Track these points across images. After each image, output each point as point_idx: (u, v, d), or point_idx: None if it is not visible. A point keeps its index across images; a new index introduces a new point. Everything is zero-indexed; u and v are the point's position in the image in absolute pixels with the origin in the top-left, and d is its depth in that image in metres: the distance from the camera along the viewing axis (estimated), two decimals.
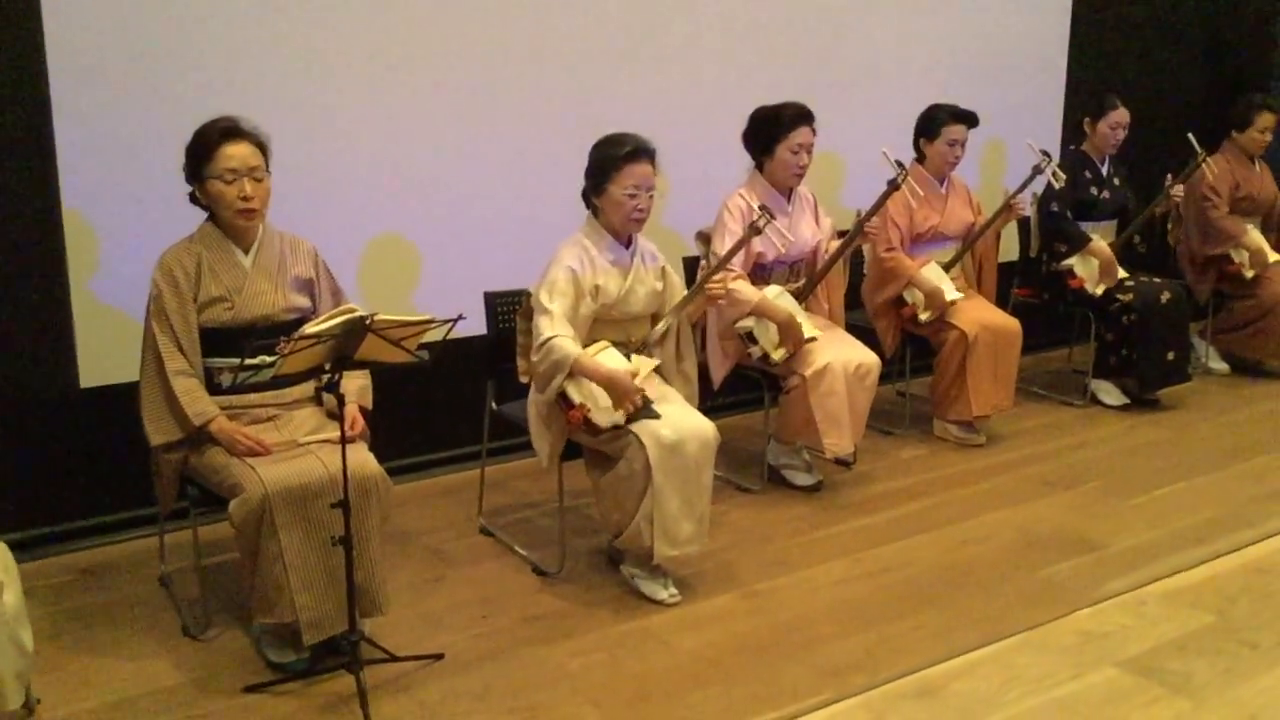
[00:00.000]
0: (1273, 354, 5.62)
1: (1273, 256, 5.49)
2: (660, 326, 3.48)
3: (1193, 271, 5.63)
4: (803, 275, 4.25)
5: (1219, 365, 5.81)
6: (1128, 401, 5.16)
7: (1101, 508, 4.01)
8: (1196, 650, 3.00)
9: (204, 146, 2.91)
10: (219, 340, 2.97)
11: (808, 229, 4.20)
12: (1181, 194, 5.15)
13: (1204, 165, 5.15)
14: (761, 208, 3.63)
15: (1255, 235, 5.49)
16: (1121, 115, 5.10)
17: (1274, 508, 3.98)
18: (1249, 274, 5.46)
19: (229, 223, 2.97)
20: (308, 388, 3.08)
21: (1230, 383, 5.63)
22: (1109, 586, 3.37)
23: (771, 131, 4.04)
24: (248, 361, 2.68)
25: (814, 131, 4.05)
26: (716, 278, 3.53)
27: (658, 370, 3.53)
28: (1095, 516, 3.92)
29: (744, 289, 3.90)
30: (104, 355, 3.58)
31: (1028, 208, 4.97)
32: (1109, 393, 5.21)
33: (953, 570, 3.51)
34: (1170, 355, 5.07)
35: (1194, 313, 5.36)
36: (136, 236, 3.49)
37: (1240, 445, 4.67)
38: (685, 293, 3.53)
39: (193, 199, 3.00)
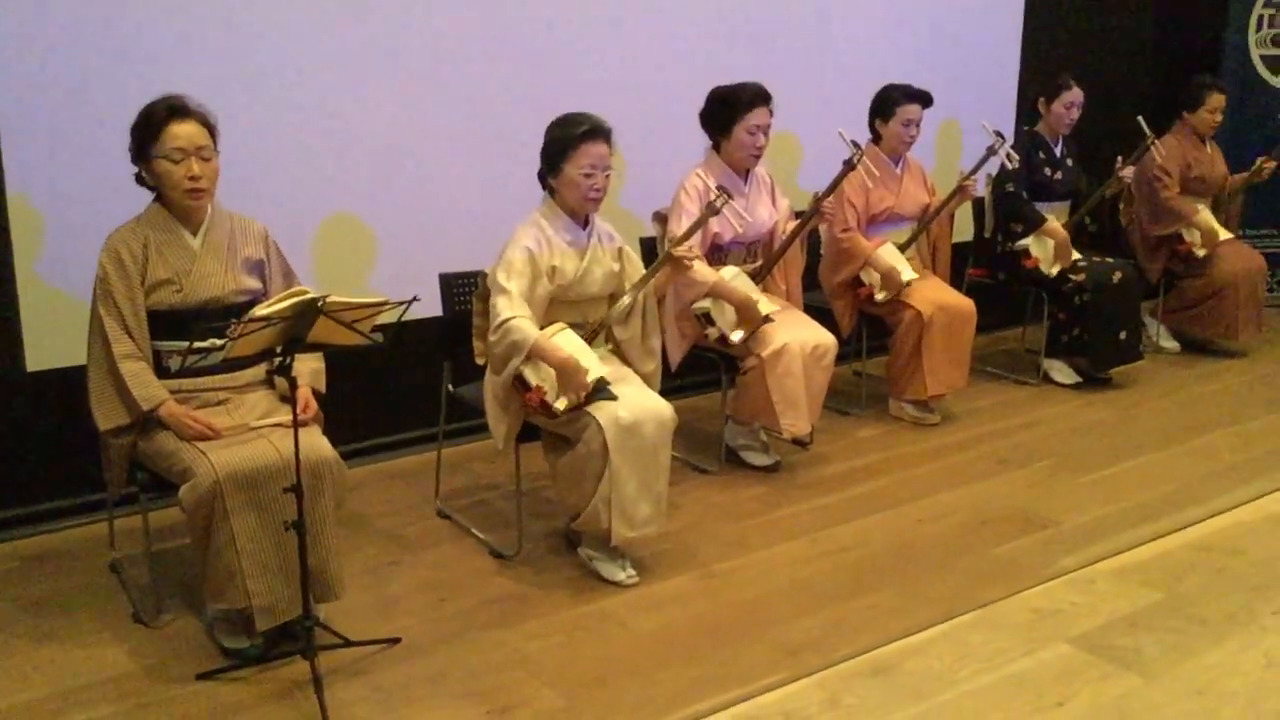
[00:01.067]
0: (1222, 333, 5.70)
1: (1223, 235, 5.56)
2: (623, 302, 3.46)
3: (1144, 251, 5.68)
4: (759, 256, 4.26)
5: (1170, 344, 5.88)
6: (1080, 380, 5.22)
7: (1053, 486, 4.05)
8: (1146, 627, 3.04)
9: (150, 125, 2.85)
10: (168, 323, 2.92)
11: (764, 210, 4.20)
12: (1131, 176, 5.20)
13: (1152, 148, 5.20)
14: (719, 188, 3.62)
15: (1206, 215, 5.55)
16: (1076, 95, 5.14)
17: (1223, 485, 4.04)
18: (1200, 253, 5.53)
19: (177, 203, 2.91)
20: (259, 371, 3.04)
21: (1181, 361, 5.71)
22: (1060, 564, 3.41)
23: (729, 112, 4.04)
24: (197, 344, 2.63)
25: (771, 112, 4.05)
26: (683, 247, 3.52)
27: (618, 350, 3.52)
28: (1047, 494, 3.97)
29: (701, 270, 3.89)
30: (51, 338, 3.52)
31: (980, 189, 5.00)
32: (1061, 371, 5.26)
33: (907, 549, 3.54)
34: (1122, 335, 5.13)
35: (1145, 292, 5.42)
36: (83, 218, 3.42)
37: (1190, 423, 4.74)
38: (644, 271, 3.52)
39: (139, 180, 2.94)
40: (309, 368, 3.02)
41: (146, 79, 3.36)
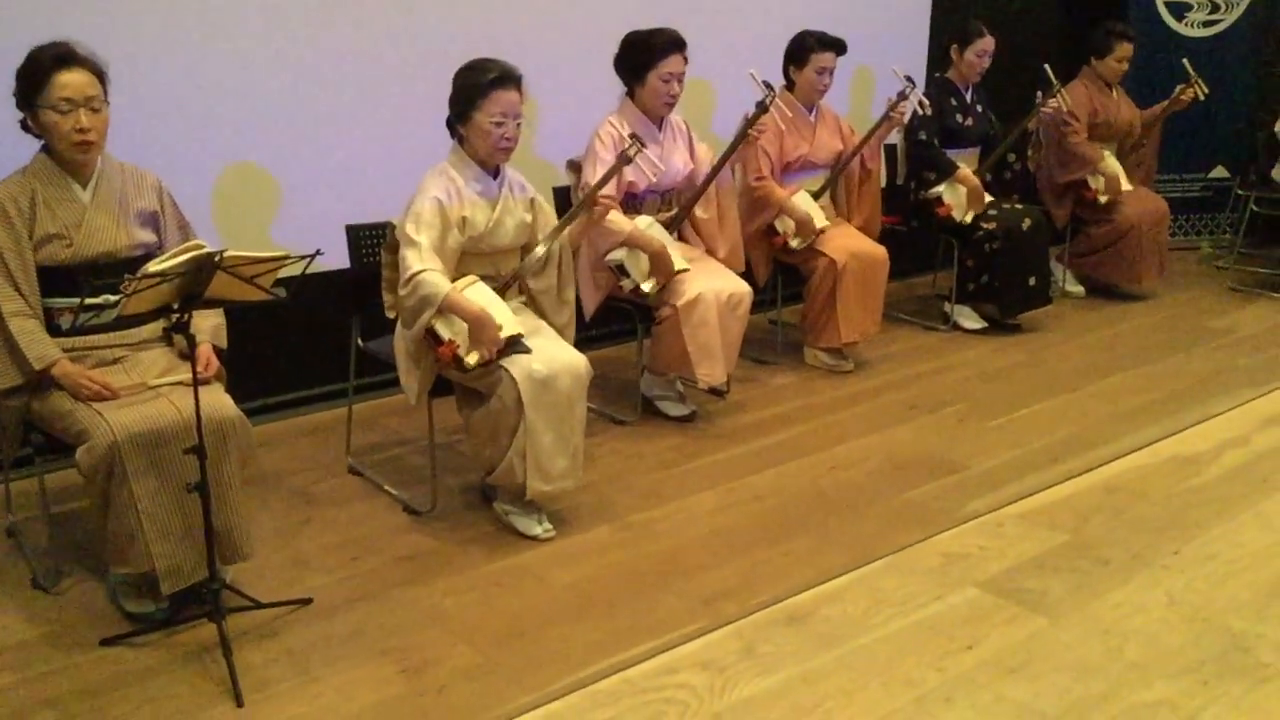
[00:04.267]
0: (1126, 277, 5.83)
1: (1126, 184, 5.65)
2: (537, 252, 3.40)
3: (1051, 197, 5.76)
4: (674, 205, 4.22)
5: (1075, 288, 6.00)
6: (986, 325, 5.30)
7: (962, 430, 4.12)
8: (1053, 568, 3.10)
9: (35, 74, 2.70)
10: (58, 279, 2.80)
11: (680, 158, 4.16)
12: (1054, 107, 5.23)
13: (1059, 98, 5.24)
14: (632, 136, 3.57)
15: (1112, 161, 5.64)
16: (988, 43, 5.17)
17: (1126, 426, 4.14)
18: (1104, 199, 5.62)
19: (64, 155, 2.78)
20: (157, 327, 2.93)
21: (1086, 305, 5.83)
22: (970, 508, 3.47)
23: (643, 58, 3.98)
24: (88, 301, 2.52)
25: (686, 59, 3.99)
26: (602, 192, 3.45)
27: (532, 303, 3.48)
28: (957, 439, 4.03)
29: (616, 220, 3.85)
30: None
31: (895, 134, 5.01)
32: (969, 317, 5.34)
33: (822, 496, 3.57)
34: (1031, 280, 5.21)
35: (1052, 237, 5.51)
36: None
37: (1095, 366, 4.84)
38: (557, 222, 3.46)
39: (24, 126, 2.80)
40: (209, 324, 2.93)
41: (34, 21, 3.20)
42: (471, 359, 3.09)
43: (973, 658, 2.67)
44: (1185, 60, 5.74)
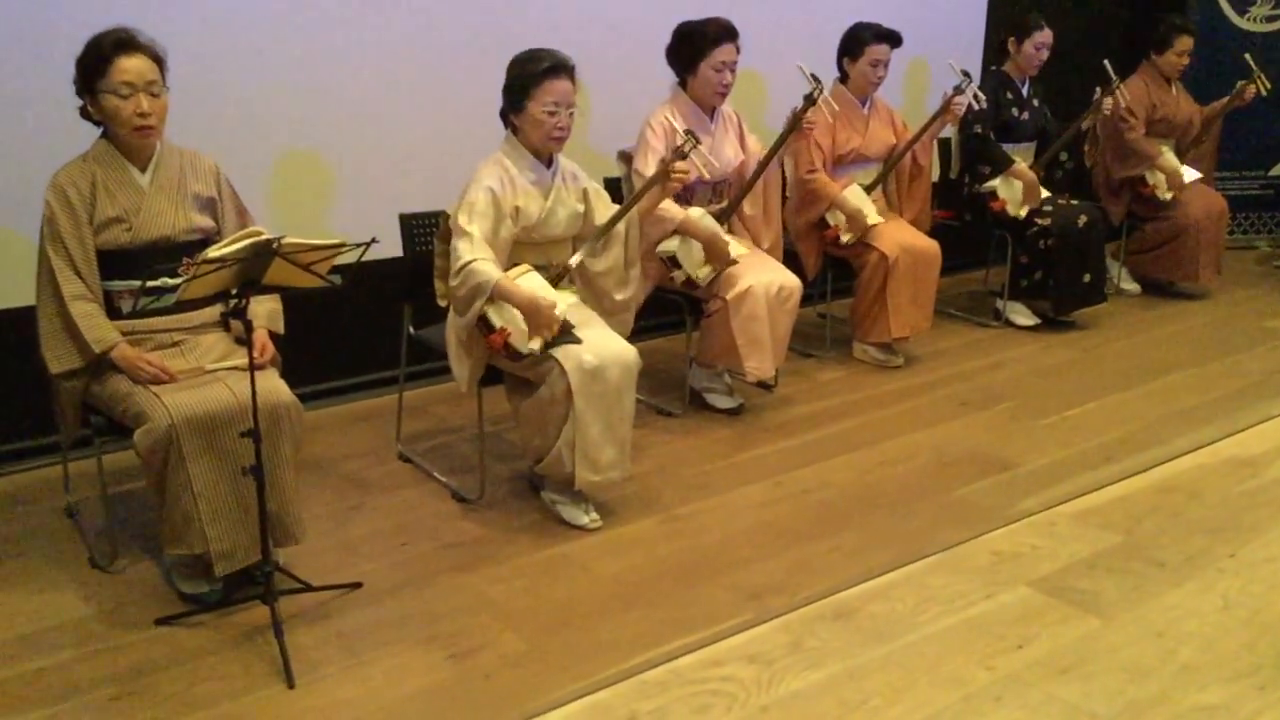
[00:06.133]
0: (1183, 275, 5.73)
1: (1188, 176, 5.56)
2: (602, 228, 3.40)
3: (1107, 193, 5.68)
4: (725, 197, 4.21)
5: (1131, 286, 5.91)
6: (1039, 322, 5.24)
7: (1014, 428, 4.07)
8: (1106, 569, 3.06)
9: (96, 59, 2.75)
10: (118, 263, 2.84)
11: (731, 150, 4.14)
12: (1110, 106, 5.16)
13: (1117, 93, 5.17)
14: (688, 132, 3.56)
15: (1170, 157, 5.55)
16: (1046, 36, 5.10)
17: (1181, 426, 4.07)
18: (1164, 196, 5.53)
19: (124, 140, 2.82)
20: (214, 312, 2.96)
21: (1142, 303, 5.75)
22: (1021, 506, 3.43)
23: (695, 48, 3.97)
24: (149, 285, 2.56)
25: (738, 49, 3.98)
26: (679, 165, 3.45)
27: (593, 285, 3.48)
28: (1008, 436, 3.98)
29: (668, 208, 3.84)
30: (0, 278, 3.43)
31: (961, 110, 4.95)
32: (1021, 314, 5.28)
33: (870, 491, 3.55)
34: (1086, 277, 5.14)
35: (1108, 234, 5.43)
36: (29, 153, 3.31)
37: (1149, 365, 4.77)
38: (616, 209, 3.45)
39: (83, 113, 2.84)
40: (265, 309, 2.96)
41: (94, 8, 3.24)
42: (535, 344, 3.10)
43: (1023, 657, 2.64)
44: (1248, 55, 5.63)
